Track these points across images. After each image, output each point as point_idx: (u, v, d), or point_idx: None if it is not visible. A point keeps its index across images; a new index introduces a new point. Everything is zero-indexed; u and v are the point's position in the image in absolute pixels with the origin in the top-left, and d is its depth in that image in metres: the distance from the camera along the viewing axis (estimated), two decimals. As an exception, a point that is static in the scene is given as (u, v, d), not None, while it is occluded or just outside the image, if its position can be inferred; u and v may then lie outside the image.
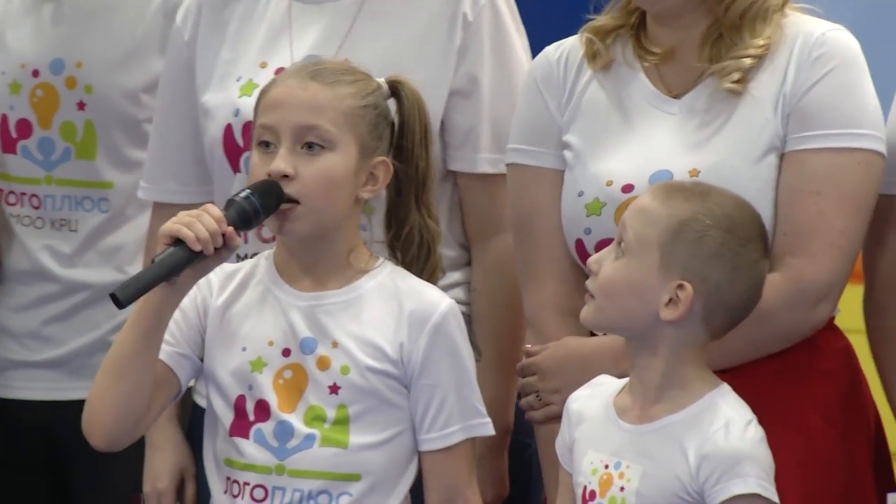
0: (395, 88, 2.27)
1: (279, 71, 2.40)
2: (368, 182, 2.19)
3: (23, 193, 2.76)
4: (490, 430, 2.25)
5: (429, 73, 2.44)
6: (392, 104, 2.32)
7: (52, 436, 2.62)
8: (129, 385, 2.16)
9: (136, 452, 2.45)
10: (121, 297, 2.04)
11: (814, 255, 2.20)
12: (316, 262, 2.21)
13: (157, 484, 2.54)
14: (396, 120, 2.25)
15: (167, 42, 2.66)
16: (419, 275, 2.26)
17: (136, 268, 2.68)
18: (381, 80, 2.26)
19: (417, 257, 2.28)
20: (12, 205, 2.76)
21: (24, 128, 2.75)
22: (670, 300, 2.05)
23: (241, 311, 2.24)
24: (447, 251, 2.45)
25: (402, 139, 2.25)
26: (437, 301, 2.21)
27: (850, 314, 2.48)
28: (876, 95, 2.28)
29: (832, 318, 2.30)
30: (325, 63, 2.30)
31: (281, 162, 2.11)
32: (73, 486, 2.78)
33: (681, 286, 2.04)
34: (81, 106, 2.71)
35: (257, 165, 2.16)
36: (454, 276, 2.52)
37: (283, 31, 2.53)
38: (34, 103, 2.74)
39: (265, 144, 2.15)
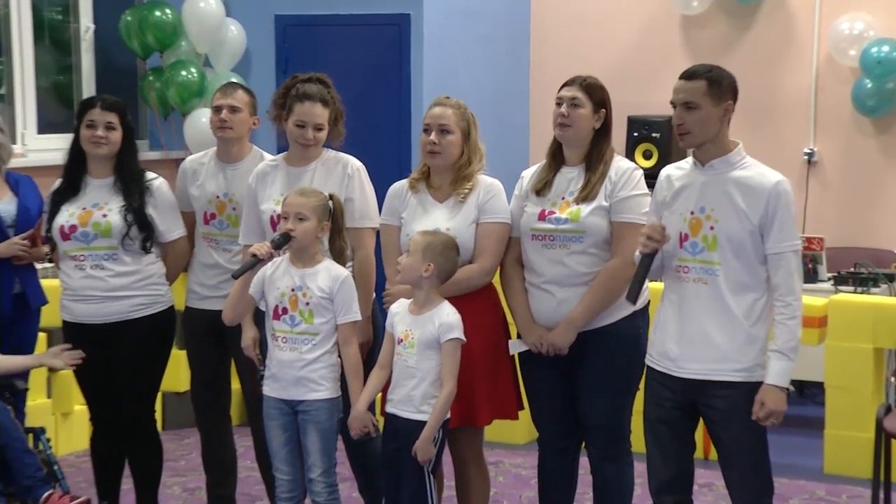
0: (332, 197, 4.67)
1: (284, 199, 4.70)
2: (321, 231, 4.57)
3: (213, 239, 5.31)
4: (359, 317, 4.55)
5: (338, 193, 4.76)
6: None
7: (217, 324, 4.95)
8: (239, 304, 4.68)
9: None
10: (234, 276, 4.59)
11: (485, 259, 4.63)
12: (303, 257, 4.56)
13: (246, 341, 4.92)
14: (332, 208, 4.65)
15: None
16: (337, 261, 4.58)
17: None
18: (326, 194, 4.64)
19: (337, 255, 4.64)
20: (211, 246, 5.35)
21: (212, 216, 5.30)
22: (426, 270, 4.39)
23: (276, 274, 4.59)
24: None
25: (334, 215, 4.65)
26: (342, 272, 4.56)
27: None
28: (506, 199, 4.67)
29: (491, 282, 4.75)
30: (306, 188, 4.73)
31: (291, 224, 4.53)
32: (229, 347, 5.21)
33: (429, 266, 4.40)
34: (234, 209, 5.23)
35: (281, 225, 4.58)
36: None
37: (284, 182, 5.00)
38: (216, 206, 5.29)
39: (285, 218, 4.56)
